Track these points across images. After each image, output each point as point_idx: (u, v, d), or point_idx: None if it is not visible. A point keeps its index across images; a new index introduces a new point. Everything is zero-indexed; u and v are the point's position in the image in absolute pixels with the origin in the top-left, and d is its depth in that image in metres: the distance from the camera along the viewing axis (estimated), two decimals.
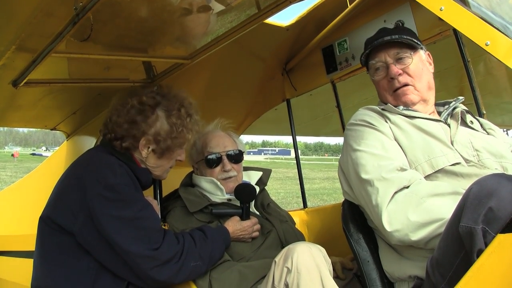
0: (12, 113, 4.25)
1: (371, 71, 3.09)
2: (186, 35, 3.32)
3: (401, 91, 2.95)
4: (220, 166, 3.58)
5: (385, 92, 3.04)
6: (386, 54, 2.98)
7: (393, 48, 2.97)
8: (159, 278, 2.81)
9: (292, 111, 5.25)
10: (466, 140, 2.76)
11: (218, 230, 3.18)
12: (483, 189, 1.87)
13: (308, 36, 4.55)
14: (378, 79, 3.05)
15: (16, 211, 5.49)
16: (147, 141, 3.12)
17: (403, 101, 2.95)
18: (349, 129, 2.95)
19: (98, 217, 2.75)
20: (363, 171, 2.67)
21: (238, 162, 3.65)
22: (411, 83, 2.94)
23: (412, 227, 2.38)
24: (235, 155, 3.64)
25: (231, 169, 3.58)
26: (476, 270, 1.76)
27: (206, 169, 3.61)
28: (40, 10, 2.28)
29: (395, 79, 2.95)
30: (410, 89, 2.94)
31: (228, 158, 3.60)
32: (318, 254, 2.65)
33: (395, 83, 2.96)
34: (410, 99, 2.93)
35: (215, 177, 3.55)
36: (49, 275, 2.93)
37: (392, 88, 2.98)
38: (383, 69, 3.01)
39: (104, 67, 3.52)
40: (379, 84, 3.06)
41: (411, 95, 2.94)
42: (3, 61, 2.75)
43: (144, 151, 3.14)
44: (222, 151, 3.60)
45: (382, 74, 3.02)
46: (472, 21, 1.97)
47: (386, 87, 3.02)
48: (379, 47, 3.01)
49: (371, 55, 3.06)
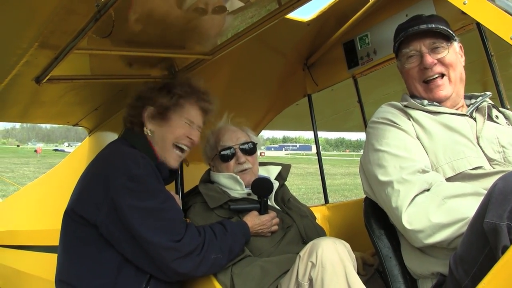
0: (35, 110, 4.29)
1: (403, 59, 3.00)
2: (207, 31, 3.32)
3: (434, 84, 2.89)
4: (234, 159, 3.60)
5: (414, 81, 2.96)
6: (422, 43, 2.89)
7: (428, 38, 2.88)
8: (180, 270, 2.83)
9: (313, 106, 5.23)
10: (492, 136, 2.71)
11: (238, 224, 3.19)
12: (509, 185, 1.85)
13: (329, 31, 4.52)
14: (410, 67, 2.95)
15: (39, 206, 5.56)
16: (148, 109, 3.21)
17: (435, 97, 2.89)
18: (371, 127, 2.91)
19: (122, 207, 2.77)
20: (384, 173, 2.64)
21: (251, 154, 3.66)
22: (446, 73, 2.88)
23: (435, 228, 2.35)
24: (248, 147, 3.65)
25: (246, 161, 3.60)
26: (500, 267, 1.74)
27: (221, 164, 3.63)
28: (62, 7, 2.29)
29: (428, 69, 2.87)
30: (445, 81, 2.88)
31: (241, 151, 3.61)
32: (342, 249, 2.65)
33: (428, 73, 2.88)
34: (443, 95, 2.88)
35: (230, 171, 3.57)
36: (73, 268, 2.96)
37: (423, 78, 2.91)
38: (417, 58, 2.91)
39: (126, 63, 3.54)
40: (409, 73, 2.97)
41: (444, 90, 2.88)
42: (26, 58, 2.77)
43: (148, 124, 3.22)
44: (234, 144, 3.62)
45: (415, 63, 2.92)
46: (496, 14, 1.94)
47: (417, 77, 2.94)
48: (414, 35, 2.91)
49: (404, 43, 2.96)
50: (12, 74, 3.01)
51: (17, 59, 2.81)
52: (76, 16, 2.45)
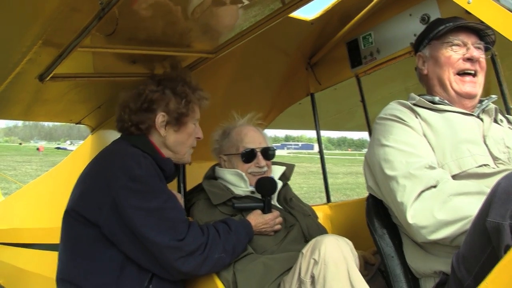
0: (38, 108, 4.29)
1: (443, 45, 2.94)
2: (210, 29, 3.32)
3: (469, 78, 2.89)
4: (255, 162, 3.60)
5: (450, 68, 2.91)
6: (470, 39, 2.89)
7: (474, 36, 2.90)
8: (183, 269, 2.83)
9: (316, 105, 5.22)
10: (499, 136, 2.74)
11: (241, 223, 3.19)
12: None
13: (332, 30, 4.52)
14: (451, 54, 2.91)
15: (41, 204, 5.57)
16: (161, 116, 3.18)
17: (464, 90, 2.89)
18: (378, 123, 2.91)
19: (124, 208, 2.77)
20: (390, 167, 2.65)
21: (270, 159, 3.70)
22: (479, 74, 2.90)
23: (438, 225, 2.36)
24: (270, 153, 3.69)
25: (265, 165, 3.62)
26: (503, 266, 1.74)
27: (239, 162, 3.63)
28: (65, 5, 2.30)
29: (471, 62, 2.87)
30: (477, 80, 2.90)
31: (262, 154, 3.63)
32: (345, 247, 2.65)
33: (469, 65, 2.87)
34: (473, 92, 2.89)
35: (245, 170, 3.57)
36: (74, 267, 2.96)
37: (461, 68, 2.89)
38: (462, 48, 2.89)
39: (129, 61, 3.54)
40: (449, 60, 2.92)
41: (475, 88, 2.89)
42: (30, 56, 2.78)
43: (162, 129, 3.20)
44: (257, 147, 3.63)
45: (459, 52, 2.89)
46: (500, 14, 1.93)
47: (455, 65, 2.89)
48: (464, 28, 2.90)
49: (453, 31, 2.92)
50: (15, 72, 3.01)
51: (20, 57, 2.81)
52: (80, 14, 2.46)
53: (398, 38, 4.01)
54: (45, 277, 4.60)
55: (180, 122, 3.24)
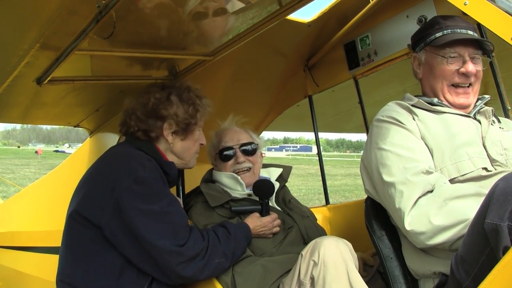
0: (36, 111, 4.29)
1: (439, 57, 2.90)
2: (208, 32, 3.32)
3: (464, 91, 2.89)
4: (234, 159, 3.63)
5: (444, 80, 2.90)
6: (466, 50, 2.85)
7: (472, 47, 2.86)
8: (184, 274, 2.83)
9: (314, 107, 5.22)
10: (496, 138, 2.74)
11: (240, 227, 3.19)
12: (510, 186, 1.85)
13: (330, 32, 4.52)
14: (447, 67, 2.88)
15: (40, 208, 5.56)
16: (168, 124, 3.20)
17: (458, 102, 2.89)
18: (376, 125, 2.91)
19: (126, 210, 2.77)
20: (387, 173, 2.64)
21: (252, 154, 3.69)
22: (474, 84, 2.90)
23: (436, 231, 2.37)
24: (248, 147, 3.68)
25: (245, 160, 3.63)
26: (501, 267, 1.74)
27: (221, 163, 3.68)
28: (63, 8, 2.29)
29: (466, 76, 2.85)
30: (471, 91, 2.89)
31: (242, 152, 3.65)
32: (344, 248, 2.66)
33: (463, 79, 2.87)
34: (466, 103, 2.90)
35: (229, 170, 3.60)
36: (74, 269, 2.96)
37: (455, 81, 2.88)
38: (458, 61, 2.85)
39: (127, 64, 3.55)
40: (443, 72, 2.90)
41: (469, 99, 2.90)
42: (28, 59, 2.78)
43: (169, 137, 3.21)
44: (235, 145, 3.66)
45: (455, 65, 2.86)
46: (497, 15, 1.94)
47: (449, 78, 2.89)
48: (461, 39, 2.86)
49: (449, 43, 2.87)
50: (13, 75, 3.01)
51: (18, 60, 2.81)
52: (78, 17, 2.46)
53: (395, 39, 4.01)
54: (44, 280, 4.60)
55: (188, 131, 3.27)
